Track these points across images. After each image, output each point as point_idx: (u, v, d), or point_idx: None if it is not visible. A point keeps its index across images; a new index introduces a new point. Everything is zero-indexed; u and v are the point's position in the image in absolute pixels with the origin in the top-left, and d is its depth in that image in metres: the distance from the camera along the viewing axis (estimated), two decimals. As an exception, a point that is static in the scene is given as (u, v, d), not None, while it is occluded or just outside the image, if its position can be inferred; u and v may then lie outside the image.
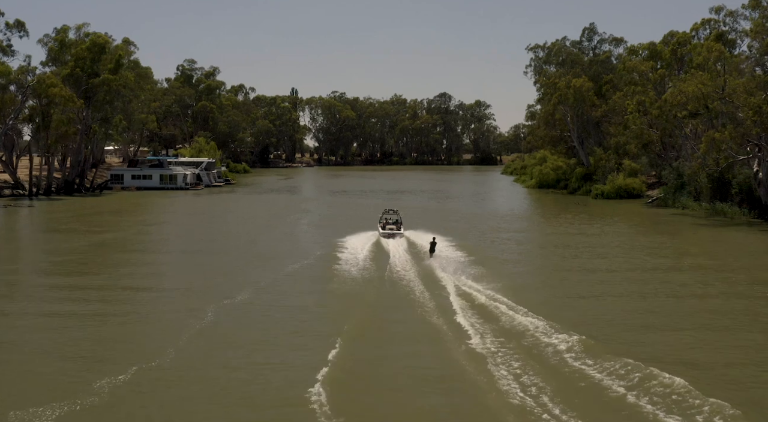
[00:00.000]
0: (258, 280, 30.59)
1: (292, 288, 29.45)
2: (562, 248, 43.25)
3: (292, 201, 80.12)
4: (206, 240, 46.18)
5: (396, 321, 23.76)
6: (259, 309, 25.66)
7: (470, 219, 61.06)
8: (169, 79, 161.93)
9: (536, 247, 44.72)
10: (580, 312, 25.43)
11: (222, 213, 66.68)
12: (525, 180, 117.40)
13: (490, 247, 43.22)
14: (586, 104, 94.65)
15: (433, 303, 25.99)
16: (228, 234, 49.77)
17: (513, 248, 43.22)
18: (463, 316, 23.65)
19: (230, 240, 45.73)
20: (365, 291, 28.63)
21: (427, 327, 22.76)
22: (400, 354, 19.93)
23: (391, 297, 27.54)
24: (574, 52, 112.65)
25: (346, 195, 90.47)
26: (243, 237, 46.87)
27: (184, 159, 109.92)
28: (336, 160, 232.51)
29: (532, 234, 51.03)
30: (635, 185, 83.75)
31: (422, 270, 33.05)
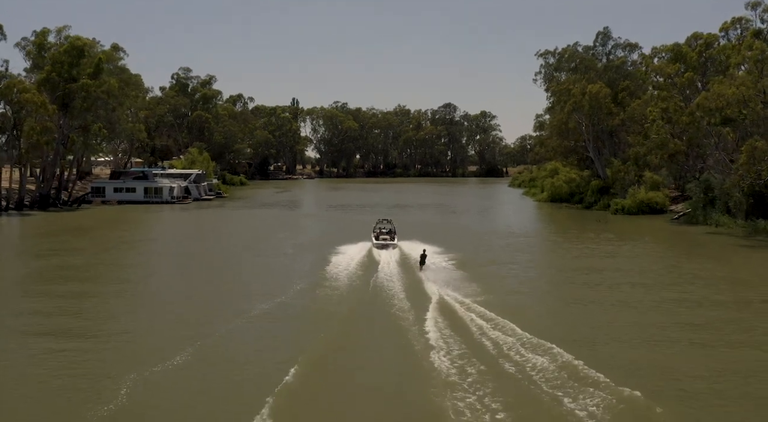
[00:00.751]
0: (209, 333, 23.26)
1: (249, 344, 22.16)
2: (586, 273, 36.24)
3: (282, 218, 72.83)
4: (166, 270, 38.91)
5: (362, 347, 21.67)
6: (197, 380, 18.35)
7: (479, 237, 53.76)
8: (163, 88, 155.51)
9: (555, 271, 37.38)
10: (612, 358, 18.83)
11: (201, 232, 59.48)
12: (535, 193, 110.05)
13: (501, 271, 36.19)
14: (602, 112, 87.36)
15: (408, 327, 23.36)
16: (197, 260, 42.46)
17: (527, 272, 35.93)
18: (439, 355, 20.13)
19: (196, 270, 38.42)
20: (339, 312, 26.19)
21: (395, 357, 20.68)
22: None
23: (365, 318, 25.63)
24: (588, 57, 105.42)
25: (343, 210, 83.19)
26: (213, 265, 39.61)
27: (172, 171, 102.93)
28: (338, 171, 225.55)
29: (550, 257, 43.58)
30: (658, 199, 76.30)
31: (409, 284, 31.11)
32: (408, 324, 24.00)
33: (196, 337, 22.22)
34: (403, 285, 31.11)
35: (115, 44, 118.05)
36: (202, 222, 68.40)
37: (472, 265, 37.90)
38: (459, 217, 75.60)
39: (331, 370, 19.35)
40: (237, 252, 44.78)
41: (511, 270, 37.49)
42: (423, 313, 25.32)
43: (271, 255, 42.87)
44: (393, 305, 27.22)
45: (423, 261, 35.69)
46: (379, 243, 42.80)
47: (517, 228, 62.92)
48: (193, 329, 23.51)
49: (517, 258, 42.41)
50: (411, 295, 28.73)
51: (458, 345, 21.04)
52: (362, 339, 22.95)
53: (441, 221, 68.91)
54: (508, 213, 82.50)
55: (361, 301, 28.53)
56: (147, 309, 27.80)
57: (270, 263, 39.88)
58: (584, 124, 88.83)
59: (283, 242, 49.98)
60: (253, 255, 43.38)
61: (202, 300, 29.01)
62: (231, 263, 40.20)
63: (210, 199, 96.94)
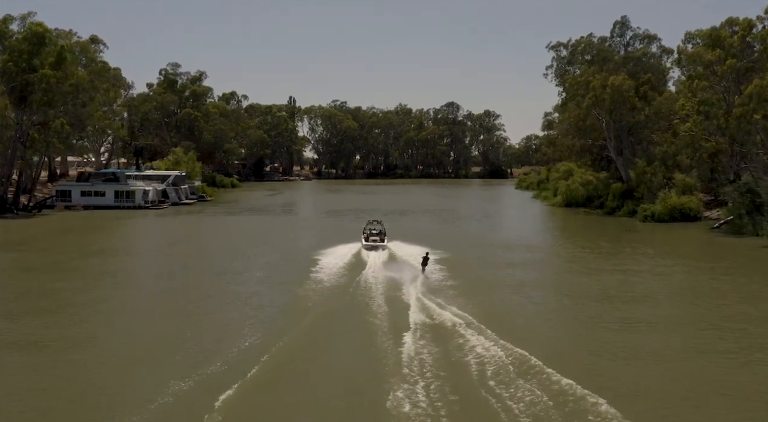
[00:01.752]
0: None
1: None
2: (633, 308, 26.68)
3: (263, 226, 63.05)
4: (93, 307, 29.21)
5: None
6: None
7: (489, 249, 44.20)
8: (151, 85, 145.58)
9: (594, 305, 27.57)
10: None
11: (166, 245, 49.79)
12: (547, 196, 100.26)
13: (518, 300, 26.55)
14: (625, 107, 77.53)
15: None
16: (143, 289, 32.87)
17: (550, 301, 26.22)
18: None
19: (136, 314, 28.78)
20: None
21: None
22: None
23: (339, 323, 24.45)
24: (605, 48, 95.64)
25: (336, 217, 73.48)
26: (160, 299, 30.05)
27: (149, 172, 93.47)
28: (337, 172, 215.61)
29: (582, 282, 33.77)
30: (692, 205, 66.57)
31: (393, 288, 30.21)
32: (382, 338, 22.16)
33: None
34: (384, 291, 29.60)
35: (93, 36, 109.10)
36: (171, 233, 58.82)
37: (482, 299, 28.34)
38: (465, 225, 65.81)
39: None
40: (199, 277, 35.21)
41: (529, 301, 27.85)
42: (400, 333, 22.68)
43: (231, 283, 33.19)
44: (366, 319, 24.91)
45: (425, 263, 34.89)
46: (369, 244, 41.89)
47: (534, 239, 53.26)
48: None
49: (537, 281, 32.85)
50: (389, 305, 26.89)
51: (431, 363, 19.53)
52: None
53: (445, 230, 59.16)
54: (521, 220, 72.75)
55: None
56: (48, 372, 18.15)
57: (221, 298, 30.22)
58: (604, 121, 78.95)
59: (254, 260, 40.34)
60: (218, 282, 33.76)
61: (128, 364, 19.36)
62: (190, 294, 30.61)
63: (191, 204, 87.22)
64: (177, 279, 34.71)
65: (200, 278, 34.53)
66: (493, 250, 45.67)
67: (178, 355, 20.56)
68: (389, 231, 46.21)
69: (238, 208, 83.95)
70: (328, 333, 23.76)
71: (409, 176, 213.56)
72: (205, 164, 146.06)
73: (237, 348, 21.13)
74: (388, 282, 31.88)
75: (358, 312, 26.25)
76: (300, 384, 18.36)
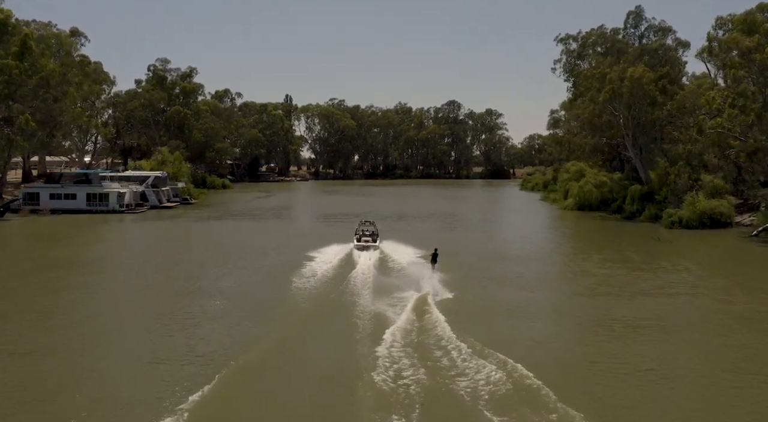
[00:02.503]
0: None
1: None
2: (709, 345, 19.38)
3: (245, 235, 55.77)
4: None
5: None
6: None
7: (501, 263, 37.01)
8: (139, 81, 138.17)
9: (650, 342, 20.38)
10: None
11: (128, 261, 42.56)
12: (556, 199, 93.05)
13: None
14: (645, 101, 70.32)
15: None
16: (74, 327, 25.65)
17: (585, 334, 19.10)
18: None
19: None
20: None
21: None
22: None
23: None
24: (620, 39, 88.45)
25: (329, 222, 66.29)
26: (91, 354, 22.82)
27: (128, 173, 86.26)
28: (335, 173, 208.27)
29: (620, 307, 26.60)
30: (723, 210, 59.36)
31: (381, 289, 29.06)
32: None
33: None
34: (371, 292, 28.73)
35: (74, 29, 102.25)
36: (137, 242, 51.62)
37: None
38: (471, 233, 58.57)
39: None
40: (159, 306, 28.06)
41: (560, 341, 20.68)
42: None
43: (171, 324, 25.98)
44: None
45: (435, 259, 34.27)
46: (361, 244, 41.28)
47: (551, 250, 46.12)
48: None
49: (566, 308, 25.69)
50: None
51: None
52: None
53: (449, 238, 51.88)
54: (532, 226, 65.52)
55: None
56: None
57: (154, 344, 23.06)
58: (622, 117, 71.70)
59: (217, 283, 33.14)
60: (174, 312, 26.58)
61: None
62: (140, 329, 23.45)
63: (172, 207, 79.94)
64: (106, 316, 27.56)
65: (134, 318, 27.36)
66: (504, 264, 38.56)
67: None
68: (388, 239, 43.41)
69: (223, 212, 76.69)
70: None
71: (409, 177, 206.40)
72: (195, 164, 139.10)
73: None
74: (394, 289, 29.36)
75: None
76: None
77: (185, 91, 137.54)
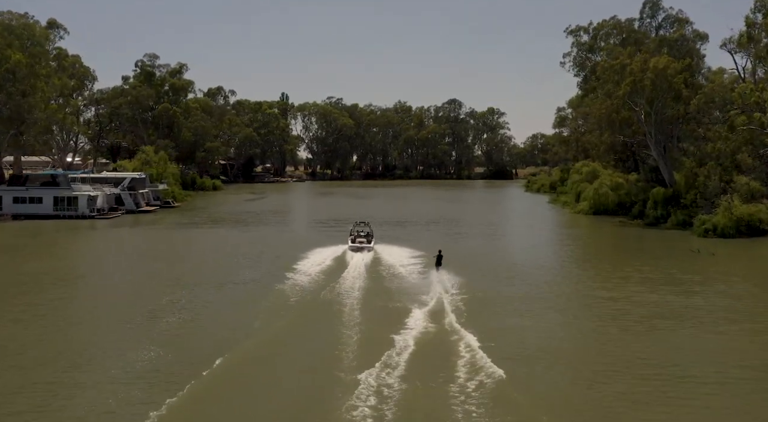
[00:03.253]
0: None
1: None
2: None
3: (222, 246, 48.63)
4: None
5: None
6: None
7: (517, 282, 30.03)
8: (127, 78, 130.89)
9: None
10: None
11: (66, 278, 35.48)
12: (567, 202, 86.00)
13: None
14: (669, 95, 63.28)
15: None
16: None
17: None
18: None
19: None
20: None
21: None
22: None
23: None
24: (637, 29, 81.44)
25: (318, 229, 59.24)
26: None
27: (104, 174, 79.29)
28: (332, 173, 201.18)
29: (706, 352, 19.68)
30: (762, 216, 52.31)
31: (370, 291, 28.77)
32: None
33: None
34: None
35: (52, 20, 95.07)
36: (91, 256, 44.55)
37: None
38: (479, 242, 51.51)
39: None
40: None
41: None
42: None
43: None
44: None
45: (439, 261, 34.31)
46: (355, 246, 40.84)
47: (575, 264, 39.04)
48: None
49: (619, 355, 18.65)
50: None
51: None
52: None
53: (456, 249, 44.85)
54: (547, 234, 58.45)
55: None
56: None
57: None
58: (643, 112, 64.60)
59: (154, 319, 26.13)
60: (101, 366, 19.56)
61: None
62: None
63: (150, 211, 72.88)
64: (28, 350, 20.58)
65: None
66: (521, 283, 31.66)
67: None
68: (385, 254, 40.04)
69: (204, 217, 69.58)
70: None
71: (409, 177, 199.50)
72: (184, 165, 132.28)
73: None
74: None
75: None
76: None
77: (174, 88, 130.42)
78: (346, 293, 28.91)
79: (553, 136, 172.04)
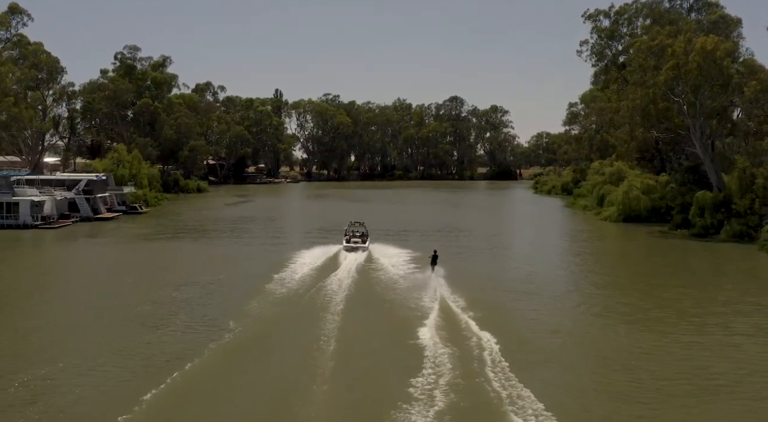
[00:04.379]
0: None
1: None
2: None
3: (170, 270, 38.03)
4: None
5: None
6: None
7: (563, 330, 19.62)
8: (106, 71, 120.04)
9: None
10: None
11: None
12: (587, 205, 75.61)
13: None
14: (717, 82, 52.86)
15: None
16: None
17: None
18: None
19: None
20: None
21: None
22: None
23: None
24: (670, 8, 71.21)
25: (301, 243, 48.84)
26: None
27: (57, 176, 68.92)
28: (329, 174, 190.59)
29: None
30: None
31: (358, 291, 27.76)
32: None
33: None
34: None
35: (13, 4, 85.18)
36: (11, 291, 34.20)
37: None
38: (498, 260, 41.18)
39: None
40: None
41: None
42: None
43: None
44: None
45: (434, 261, 32.76)
46: (350, 246, 39.81)
47: (632, 297, 28.50)
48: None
49: None
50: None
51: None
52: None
53: (471, 271, 34.53)
54: (576, 249, 47.91)
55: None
56: None
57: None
58: (685, 102, 54.14)
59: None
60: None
61: None
62: None
63: (110, 218, 62.41)
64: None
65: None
66: (553, 335, 21.44)
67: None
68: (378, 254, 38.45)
69: (170, 226, 59.06)
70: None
71: (409, 178, 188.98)
72: (168, 165, 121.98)
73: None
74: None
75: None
76: None
77: (156, 82, 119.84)
78: (332, 296, 27.03)
79: (561, 134, 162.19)
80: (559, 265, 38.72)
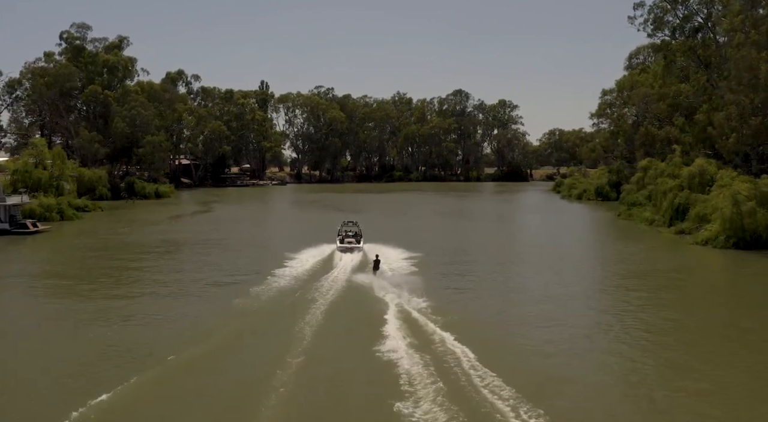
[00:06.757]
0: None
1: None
2: None
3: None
4: None
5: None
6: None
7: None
8: (51, 54, 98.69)
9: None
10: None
11: None
12: (651, 218, 54.46)
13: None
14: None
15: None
16: None
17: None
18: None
19: None
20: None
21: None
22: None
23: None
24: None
25: (208, 302, 27.69)
26: None
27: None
28: (321, 175, 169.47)
29: None
30: None
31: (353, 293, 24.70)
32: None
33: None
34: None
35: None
36: None
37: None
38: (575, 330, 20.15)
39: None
40: None
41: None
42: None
43: None
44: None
45: (377, 266, 31.74)
46: (344, 246, 37.69)
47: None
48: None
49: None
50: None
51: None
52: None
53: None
54: (695, 307, 26.68)
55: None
56: None
57: None
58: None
59: None
60: None
61: None
62: None
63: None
64: None
65: None
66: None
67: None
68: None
69: (40, 260, 37.99)
70: None
71: (409, 179, 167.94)
72: (121, 164, 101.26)
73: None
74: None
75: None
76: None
77: (110, 66, 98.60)
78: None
79: (574, 131, 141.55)
80: (680, 352, 17.56)
